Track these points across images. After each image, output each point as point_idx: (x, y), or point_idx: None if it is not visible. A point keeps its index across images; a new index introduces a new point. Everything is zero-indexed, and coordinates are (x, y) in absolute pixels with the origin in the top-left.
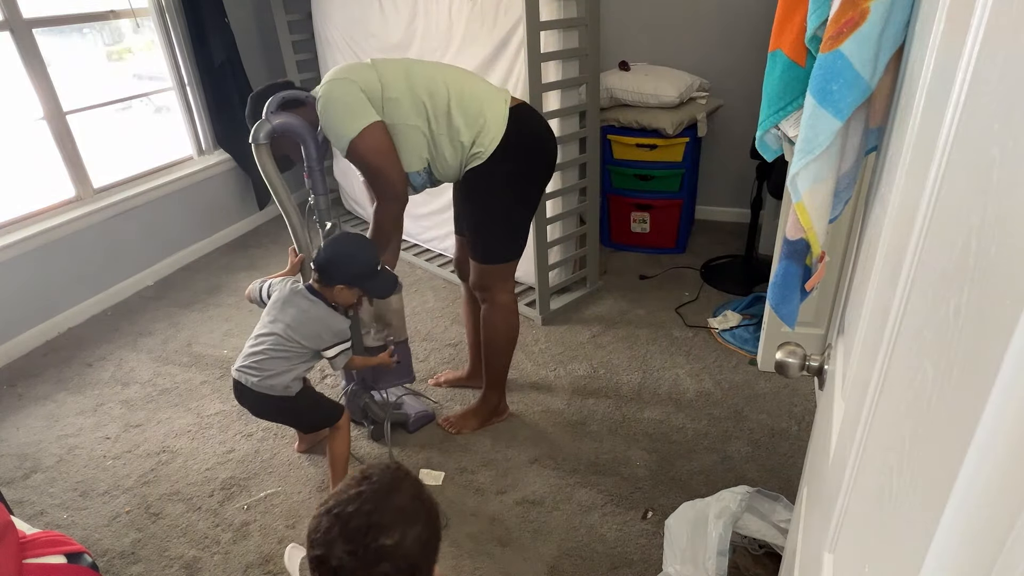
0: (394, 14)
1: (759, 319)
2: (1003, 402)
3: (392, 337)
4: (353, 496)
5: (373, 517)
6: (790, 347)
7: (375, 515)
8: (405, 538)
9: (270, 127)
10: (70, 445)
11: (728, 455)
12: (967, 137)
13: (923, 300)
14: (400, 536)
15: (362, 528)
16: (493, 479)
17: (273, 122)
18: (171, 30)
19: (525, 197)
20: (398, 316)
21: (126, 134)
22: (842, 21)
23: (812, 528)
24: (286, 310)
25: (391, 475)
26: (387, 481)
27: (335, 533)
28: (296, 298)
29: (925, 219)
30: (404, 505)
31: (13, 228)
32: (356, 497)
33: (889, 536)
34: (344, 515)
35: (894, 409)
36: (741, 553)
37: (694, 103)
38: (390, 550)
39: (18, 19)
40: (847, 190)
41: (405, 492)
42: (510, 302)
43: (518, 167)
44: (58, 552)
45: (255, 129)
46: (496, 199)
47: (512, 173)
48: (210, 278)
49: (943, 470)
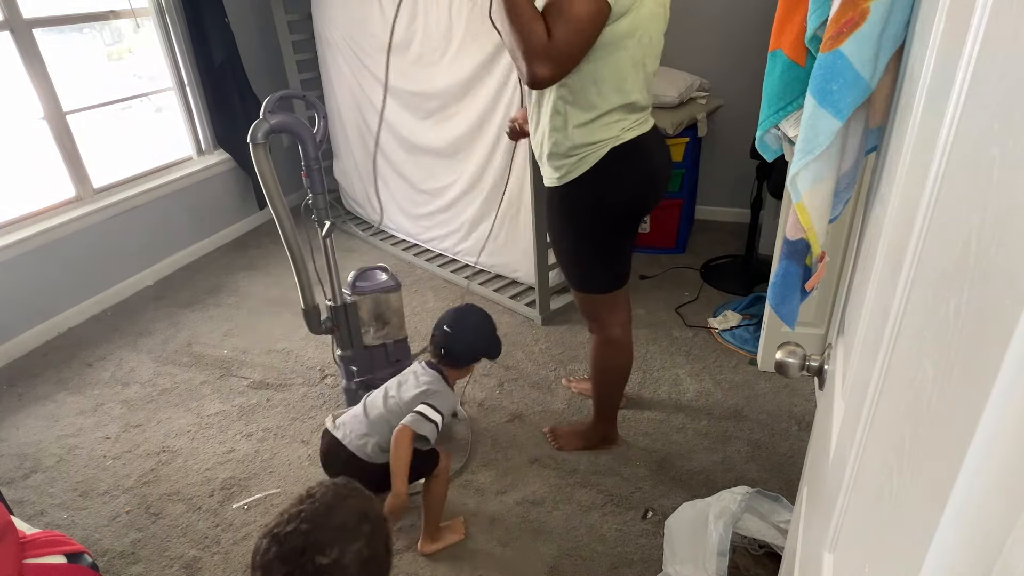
0: (394, 14)
1: (759, 319)
2: (1003, 402)
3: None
4: (293, 515)
5: (310, 536)
6: (790, 347)
7: (312, 534)
8: (343, 556)
9: (268, 126)
10: (70, 445)
11: (728, 455)
12: (967, 137)
13: (923, 300)
14: (338, 554)
15: (298, 548)
16: (493, 479)
17: (271, 121)
18: (171, 30)
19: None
20: (397, 315)
21: (126, 134)
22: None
23: (812, 528)
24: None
25: (334, 492)
26: (329, 499)
27: (272, 554)
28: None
29: (925, 219)
30: (344, 522)
31: (13, 228)
32: (295, 516)
33: (889, 536)
34: (281, 535)
35: (894, 409)
36: (741, 553)
37: (694, 103)
38: (327, 568)
39: (18, 19)
40: (847, 190)
41: (348, 509)
42: (620, 336)
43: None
44: (58, 552)
45: (253, 128)
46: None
47: (598, 206)
48: (210, 278)
49: (943, 470)
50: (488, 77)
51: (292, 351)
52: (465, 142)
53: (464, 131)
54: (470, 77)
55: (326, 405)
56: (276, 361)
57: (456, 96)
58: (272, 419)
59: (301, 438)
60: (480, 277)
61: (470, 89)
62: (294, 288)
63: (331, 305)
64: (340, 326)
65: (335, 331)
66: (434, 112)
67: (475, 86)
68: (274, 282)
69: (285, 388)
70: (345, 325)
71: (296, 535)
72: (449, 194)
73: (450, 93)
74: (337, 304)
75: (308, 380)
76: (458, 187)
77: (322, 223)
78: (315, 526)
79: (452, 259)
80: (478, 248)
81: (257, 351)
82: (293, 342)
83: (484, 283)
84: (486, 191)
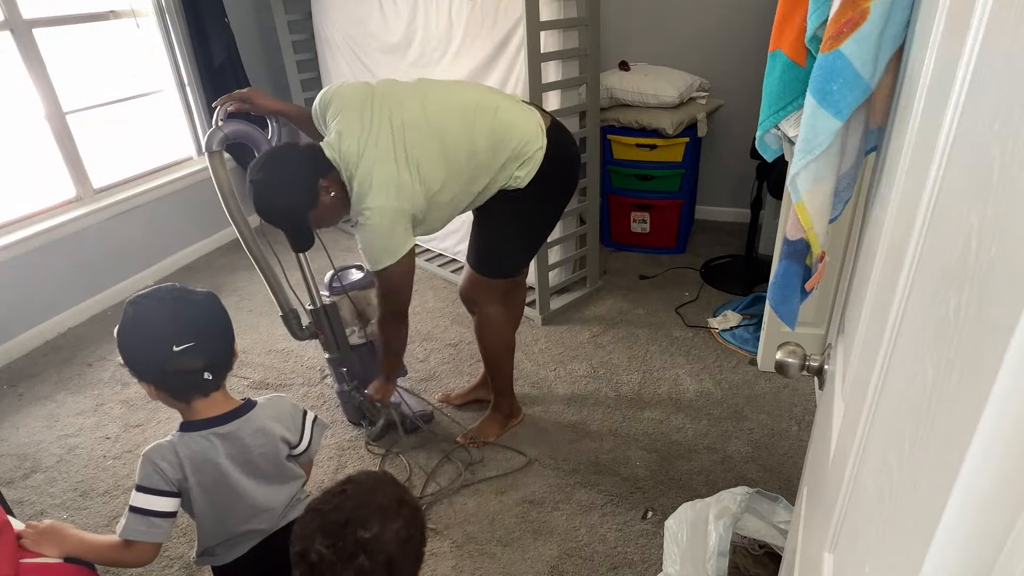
0: (394, 14)
1: (759, 319)
2: (1003, 402)
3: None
4: (336, 493)
5: (352, 512)
6: (790, 347)
7: (355, 511)
8: (383, 532)
9: (222, 135)
10: (70, 445)
11: (728, 455)
12: (967, 137)
13: (923, 300)
14: (378, 530)
15: (340, 522)
16: (493, 479)
17: (225, 130)
18: (171, 30)
19: (548, 221)
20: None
21: (126, 134)
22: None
23: (812, 528)
24: None
25: (375, 478)
26: (370, 483)
27: (315, 527)
28: None
29: (925, 219)
30: (384, 503)
31: (13, 228)
32: (339, 494)
33: (889, 536)
34: (324, 511)
35: (894, 409)
36: (741, 553)
37: (694, 103)
38: (367, 543)
39: (18, 19)
40: (847, 190)
41: (387, 493)
42: (497, 314)
43: (546, 193)
44: None
45: (208, 137)
46: (516, 222)
47: (540, 198)
48: (210, 278)
49: (943, 470)
50: (488, 77)
51: (292, 351)
52: None
53: None
54: (470, 77)
55: (326, 405)
56: (276, 361)
57: None
58: None
59: None
60: None
61: None
62: (294, 288)
63: (311, 308)
64: (323, 329)
65: (318, 335)
66: None
67: None
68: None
69: (285, 388)
70: (328, 327)
71: (339, 511)
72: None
73: None
74: (316, 307)
75: (308, 380)
76: None
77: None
78: (358, 503)
79: (452, 259)
80: None
81: (257, 351)
82: (293, 342)
83: None
84: None
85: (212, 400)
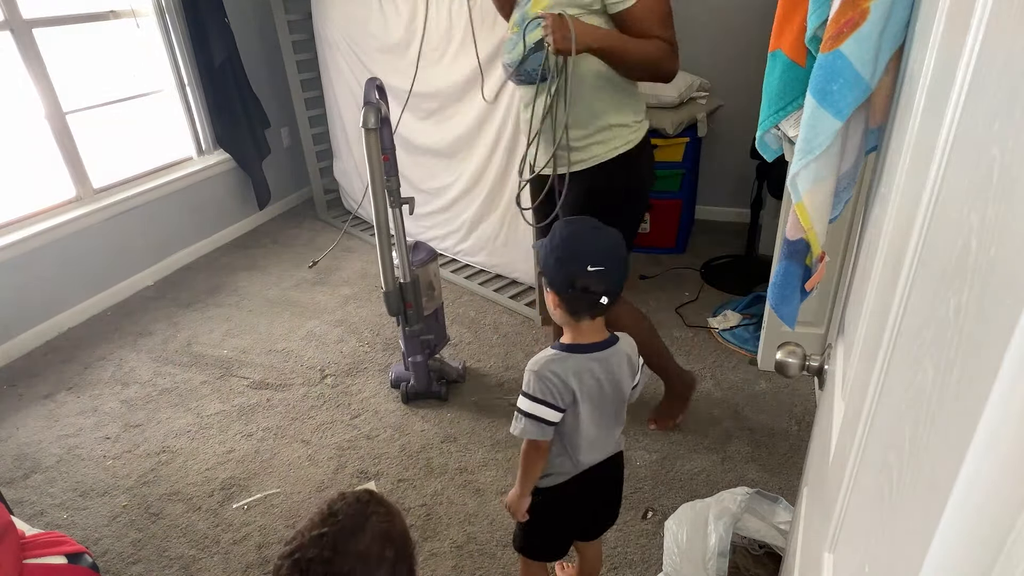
0: (394, 14)
1: (759, 319)
2: (1003, 402)
3: (434, 304)
4: (315, 538)
5: (333, 565)
6: (790, 347)
7: (334, 562)
8: None
9: (378, 112)
10: (70, 445)
11: (728, 455)
12: (967, 137)
13: (923, 300)
14: None
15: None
16: (493, 479)
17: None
18: (171, 30)
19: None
20: (438, 280)
21: (126, 134)
22: (842, 21)
23: (812, 528)
24: None
25: (357, 511)
26: (352, 519)
27: None
28: None
29: (925, 219)
30: (367, 549)
31: (13, 228)
32: (318, 540)
33: (889, 536)
34: (303, 561)
35: (894, 409)
36: (741, 553)
37: (694, 103)
38: None
39: (18, 19)
40: (847, 190)
41: (371, 531)
42: (626, 307)
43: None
44: (58, 552)
45: (365, 113)
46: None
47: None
48: (210, 278)
49: (943, 470)
50: (488, 78)
51: (292, 351)
52: (465, 142)
53: (464, 131)
54: (470, 77)
55: (326, 405)
56: (276, 361)
57: (456, 96)
58: (272, 419)
59: (301, 438)
60: (480, 277)
61: (470, 89)
62: (293, 288)
63: (402, 283)
64: (412, 302)
65: (407, 308)
66: (434, 112)
67: (475, 86)
68: (274, 282)
69: (285, 388)
70: (416, 299)
71: (318, 563)
72: (449, 194)
73: (450, 93)
74: (407, 280)
75: (308, 380)
76: (458, 187)
77: (399, 204)
78: (337, 552)
79: (452, 259)
80: (478, 248)
81: (257, 351)
82: (293, 342)
83: (484, 283)
84: (486, 191)
85: (595, 324)
